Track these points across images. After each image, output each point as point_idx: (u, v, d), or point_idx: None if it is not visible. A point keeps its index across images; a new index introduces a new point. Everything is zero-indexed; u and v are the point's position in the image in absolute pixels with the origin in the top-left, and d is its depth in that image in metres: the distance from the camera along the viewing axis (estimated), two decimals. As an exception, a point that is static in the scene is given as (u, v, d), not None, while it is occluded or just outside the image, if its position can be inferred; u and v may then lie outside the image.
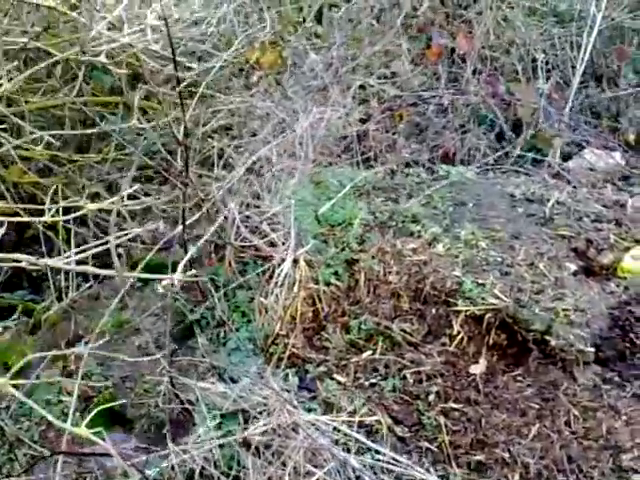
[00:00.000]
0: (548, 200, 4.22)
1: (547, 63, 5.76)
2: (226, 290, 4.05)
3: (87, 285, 5.05)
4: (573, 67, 5.62)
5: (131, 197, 4.84)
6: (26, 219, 2.81)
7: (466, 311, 3.50)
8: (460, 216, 4.13)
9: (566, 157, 5.27)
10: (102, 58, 2.69)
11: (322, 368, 3.54)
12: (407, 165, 4.97)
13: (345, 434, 2.95)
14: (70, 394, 4.14)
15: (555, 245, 3.82)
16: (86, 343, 4.49)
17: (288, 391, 3.30)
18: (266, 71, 4.92)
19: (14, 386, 1.93)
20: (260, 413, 3.08)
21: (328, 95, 4.89)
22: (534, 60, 5.80)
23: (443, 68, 5.75)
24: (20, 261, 1.97)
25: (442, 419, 3.16)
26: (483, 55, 5.75)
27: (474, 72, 5.68)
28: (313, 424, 2.89)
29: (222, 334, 3.90)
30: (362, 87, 5.26)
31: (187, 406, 3.42)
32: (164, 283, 1.83)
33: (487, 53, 5.74)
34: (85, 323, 4.65)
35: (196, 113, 4.54)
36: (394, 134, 5.42)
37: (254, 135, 4.74)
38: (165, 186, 5.14)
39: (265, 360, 3.67)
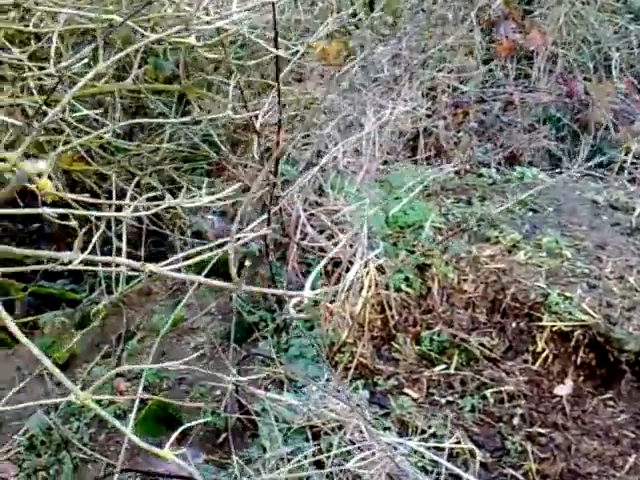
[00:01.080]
0: (634, 209, 3.92)
1: (622, 62, 5.45)
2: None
3: (137, 280, 4.86)
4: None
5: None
6: (110, 214, 2.57)
7: (552, 326, 3.23)
8: (540, 222, 3.84)
9: (642, 160, 4.96)
10: (192, 40, 2.45)
11: (392, 381, 3.29)
12: (475, 164, 4.70)
13: (430, 459, 2.69)
14: (122, 395, 3.95)
15: (645, 258, 3.53)
16: (138, 341, 4.31)
17: (358, 406, 3.06)
18: (331, 61, 4.66)
19: (96, 402, 1.70)
20: (332, 430, 2.84)
21: (396, 89, 4.62)
22: (607, 58, 5.49)
23: (512, 65, 5.46)
24: (117, 265, 1.75)
25: (528, 445, 2.90)
26: (554, 52, 5.44)
27: (544, 70, 5.38)
28: (393, 446, 2.63)
29: (283, 339, 3.67)
30: (430, 81, 4.98)
31: (249, 417, 3.19)
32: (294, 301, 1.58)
33: (558, 50, 5.43)
34: (137, 319, 4.46)
35: (256, 104, 4.31)
36: (459, 132, 5.14)
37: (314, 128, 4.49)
38: (219, 179, 4.92)
39: (330, 369, 3.44)
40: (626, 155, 4.82)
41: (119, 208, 2.83)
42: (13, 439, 3.81)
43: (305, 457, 2.83)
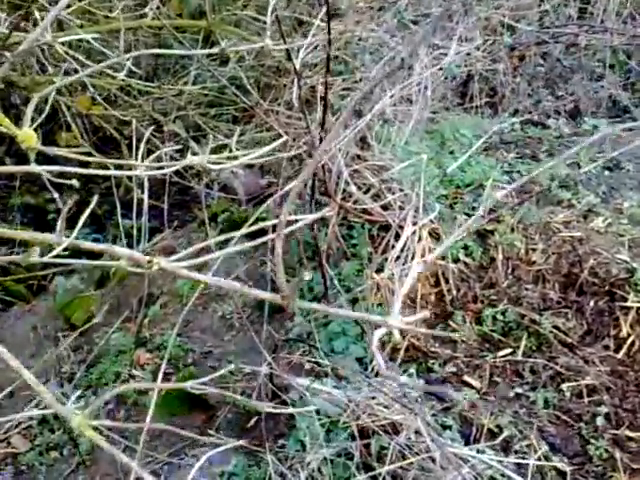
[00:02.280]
0: None
1: None
2: (329, 258, 3.35)
3: (160, 236, 4.42)
4: None
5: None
6: (120, 173, 2.10)
7: (638, 308, 2.73)
8: (618, 182, 3.32)
9: None
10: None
11: (450, 367, 2.82)
12: (538, 114, 4.15)
13: (497, 468, 2.23)
14: (143, 367, 3.53)
15: None
16: (161, 306, 3.88)
17: (417, 401, 2.60)
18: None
19: (95, 428, 1.25)
20: (384, 430, 2.39)
21: (451, 26, 4.04)
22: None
23: (575, 2, 4.84)
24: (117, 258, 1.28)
25: (616, 451, 2.43)
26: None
27: (612, 9, 4.75)
28: (460, 457, 2.17)
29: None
30: (487, 19, 4.39)
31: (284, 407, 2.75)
32: (379, 333, 1.11)
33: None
34: (159, 281, 4.02)
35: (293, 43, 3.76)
36: (515, 77, 4.57)
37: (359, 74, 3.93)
38: (249, 125, 4.40)
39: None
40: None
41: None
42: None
43: (351, 458, 2.39)
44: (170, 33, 4.06)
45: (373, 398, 2.48)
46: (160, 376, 2.37)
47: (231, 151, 1.90)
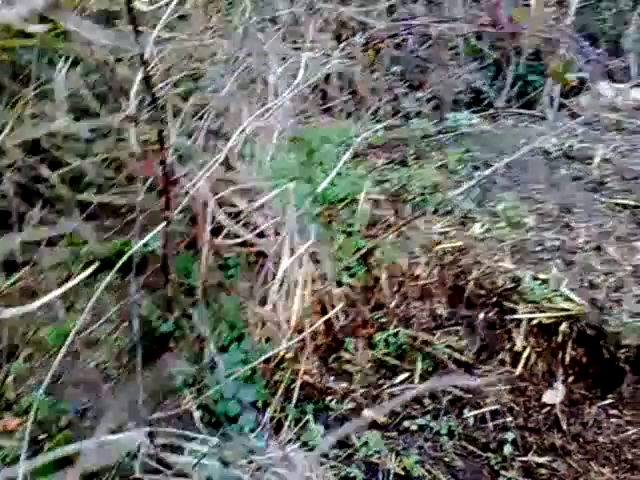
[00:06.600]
0: (591, 158, 3.25)
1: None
2: (205, 293, 2.98)
3: (17, 275, 3.88)
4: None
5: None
6: None
7: (530, 319, 2.54)
8: (490, 182, 3.12)
9: (569, 93, 4.28)
10: None
11: (348, 403, 2.55)
12: (399, 113, 3.91)
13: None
14: (12, 434, 3.05)
15: (618, 219, 2.87)
16: (25, 359, 3.38)
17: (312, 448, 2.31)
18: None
19: None
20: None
21: (300, 31, 3.71)
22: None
23: (422, -10, 4.62)
24: None
25: (527, 481, 2.23)
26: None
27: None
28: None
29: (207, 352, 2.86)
30: (335, 19, 4.09)
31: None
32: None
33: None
34: (20, 329, 3.51)
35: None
36: (372, 72, 4.31)
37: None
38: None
39: (269, 392, 2.66)
40: (551, 89, 4.14)
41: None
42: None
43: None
44: None
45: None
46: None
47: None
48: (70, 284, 2.15)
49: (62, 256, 3.75)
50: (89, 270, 2.06)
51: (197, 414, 2.70)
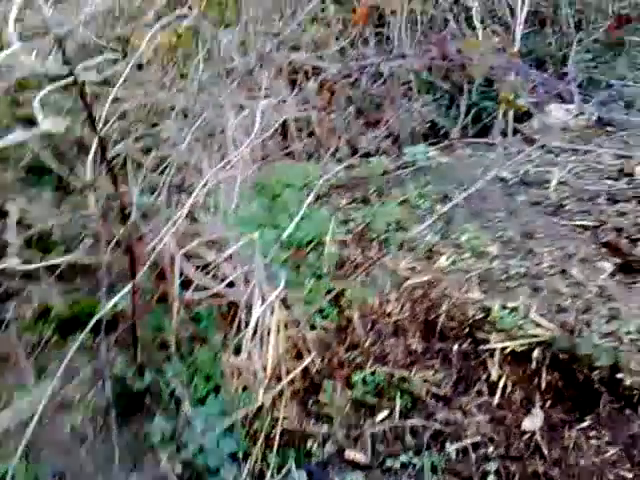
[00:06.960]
0: (547, 182, 3.32)
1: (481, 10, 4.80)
2: (179, 347, 2.97)
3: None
4: (512, 11, 4.66)
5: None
6: None
7: (503, 348, 2.57)
8: (452, 214, 3.17)
9: (522, 117, 4.38)
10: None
11: (330, 446, 2.54)
12: (358, 152, 3.96)
13: None
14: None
15: (579, 240, 2.92)
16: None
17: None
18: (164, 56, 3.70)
19: None
20: None
21: (255, 80, 3.76)
22: (468, 9, 4.84)
23: (370, 30, 4.72)
24: None
25: (514, 510, 2.23)
26: (412, 9, 4.73)
27: (405, 30, 4.68)
28: None
29: (184, 407, 2.83)
30: (289, 65, 4.16)
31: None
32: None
33: (416, 7, 4.72)
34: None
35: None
36: (329, 113, 4.37)
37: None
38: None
39: (249, 442, 2.64)
40: (504, 115, 4.24)
41: None
42: None
43: None
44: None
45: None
46: None
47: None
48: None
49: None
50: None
51: (176, 471, 2.68)
